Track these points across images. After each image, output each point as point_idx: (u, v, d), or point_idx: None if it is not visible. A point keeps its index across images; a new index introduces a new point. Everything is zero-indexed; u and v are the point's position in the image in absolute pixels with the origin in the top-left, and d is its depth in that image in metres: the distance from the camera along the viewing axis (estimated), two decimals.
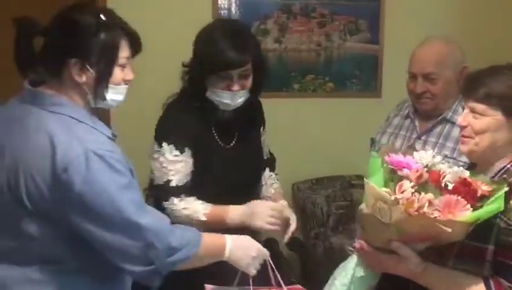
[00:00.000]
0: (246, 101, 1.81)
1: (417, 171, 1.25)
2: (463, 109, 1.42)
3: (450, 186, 1.25)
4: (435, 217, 1.18)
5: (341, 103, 3.02)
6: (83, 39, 1.27)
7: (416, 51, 1.94)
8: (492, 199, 1.22)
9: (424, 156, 1.31)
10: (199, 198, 1.80)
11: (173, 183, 1.76)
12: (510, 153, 1.35)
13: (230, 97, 1.76)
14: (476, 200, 1.23)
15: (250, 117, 1.91)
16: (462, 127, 1.37)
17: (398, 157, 1.29)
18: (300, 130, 2.99)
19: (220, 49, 1.70)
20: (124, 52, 1.32)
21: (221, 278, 1.60)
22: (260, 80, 1.82)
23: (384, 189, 1.25)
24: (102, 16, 1.29)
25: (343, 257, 1.76)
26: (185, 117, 1.80)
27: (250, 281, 1.55)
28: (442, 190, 1.24)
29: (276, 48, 2.99)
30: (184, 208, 1.76)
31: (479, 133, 1.34)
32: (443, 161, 1.33)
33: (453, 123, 1.84)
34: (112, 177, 1.23)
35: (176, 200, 1.76)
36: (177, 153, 1.77)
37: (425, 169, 1.28)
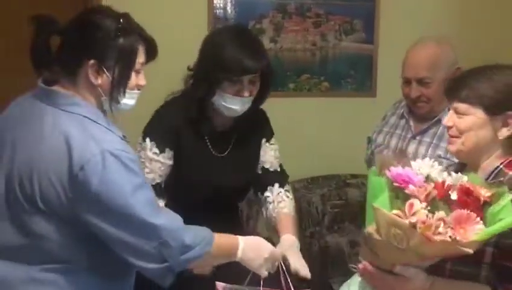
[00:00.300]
0: (247, 110, 1.80)
1: (424, 189, 1.21)
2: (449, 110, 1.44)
3: (453, 196, 1.23)
4: (456, 239, 1.14)
5: (336, 103, 3.03)
6: (102, 42, 1.29)
7: (408, 55, 1.93)
8: (497, 207, 1.20)
9: (422, 166, 1.29)
10: (174, 202, 1.76)
11: (147, 181, 1.75)
12: (496, 151, 1.37)
13: (240, 103, 1.75)
14: (481, 209, 1.21)
15: (249, 126, 1.88)
16: (448, 128, 1.41)
17: (398, 170, 1.26)
18: (295, 129, 3.00)
19: (237, 54, 1.70)
20: (140, 58, 1.35)
21: (232, 278, 1.60)
22: (266, 87, 1.82)
23: (395, 211, 1.20)
24: (122, 21, 1.31)
25: (339, 255, 1.78)
26: (177, 119, 1.79)
27: (261, 283, 1.55)
28: (450, 204, 1.22)
29: (272, 47, 2.99)
30: None
31: (464, 132, 1.37)
32: (441, 168, 1.30)
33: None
34: (127, 177, 1.24)
35: None
36: (157, 151, 1.76)
37: (428, 181, 1.25)
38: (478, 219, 1.17)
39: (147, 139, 1.77)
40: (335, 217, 2.96)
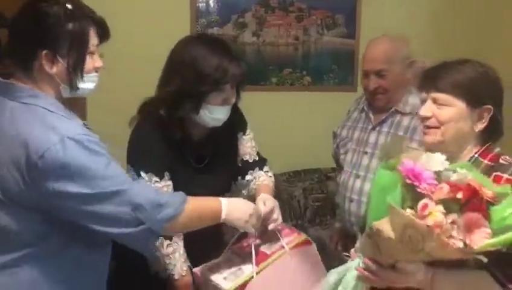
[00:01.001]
0: None
1: (440, 189, 1.15)
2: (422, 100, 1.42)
3: (459, 195, 1.18)
4: (471, 245, 1.11)
5: (318, 97, 3.05)
6: (51, 30, 1.27)
7: (366, 50, 2.09)
8: (500, 207, 1.17)
9: (432, 163, 1.23)
10: None
11: None
12: (474, 142, 1.38)
13: (226, 111, 1.73)
14: (485, 208, 1.18)
15: (223, 131, 1.83)
16: (426, 118, 1.38)
17: (410, 165, 1.19)
18: (277, 123, 3.01)
19: (220, 64, 1.65)
20: (93, 40, 1.33)
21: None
22: (241, 89, 1.80)
23: (409, 211, 1.15)
24: (69, 6, 1.29)
25: (320, 248, 1.80)
26: (161, 142, 1.73)
27: (252, 245, 1.62)
28: (461, 204, 1.17)
29: (254, 41, 3.00)
30: (167, 256, 1.71)
31: (444, 123, 1.36)
32: (449, 169, 1.24)
33: (403, 113, 2.01)
34: (91, 158, 1.25)
35: (165, 243, 1.69)
36: (157, 179, 1.70)
37: (439, 180, 1.19)
38: (486, 222, 1.14)
39: (142, 173, 1.69)
40: (317, 211, 2.99)
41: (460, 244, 1.12)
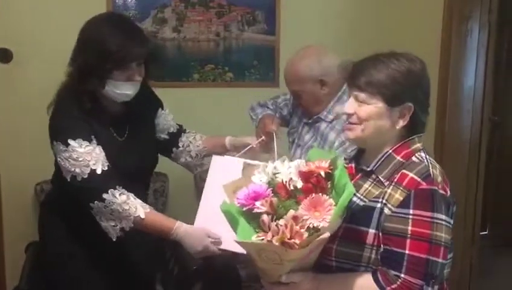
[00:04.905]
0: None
1: (265, 200, 1.22)
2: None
3: (299, 184, 1.26)
4: (312, 233, 1.17)
5: (240, 93, 3.06)
6: None
7: (284, 72, 2.15)
8: (336, 174, 1.26)
9: (261, 176, 1.30)
10: None
11: (99, 171, 1.72)
12: (395, 139, 1.41)
13: (132, 87, 1.79)
14: (326, 182, 1.26)
15: (138, 106, 1.92)
16: (349, 115, 1.41)
17: (243, 192, 1.26)
18: (200, 119, 2.98)
19: (123, 43, 1.71)
20: None
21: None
22: (151, 67, 1.87)
23: (254, 237, 1.20)
24: None
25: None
26: (81, 113, 1.78)
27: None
28: (296, 197, 1.24)
29: (175, 37, 2.96)
30: (124, 202, 1.73)
31: (364, 121, 1.38)
32: (276, 167, 1.32)
33: (324, 121, 2.09)
34: None
35: (116, 193, 1.72)
36: (87, 143, 1.73)
37: (270, 188, 1.26)
38: (325, 196, 1.21)
39: (70, 141, 1.72)
40: None
41: (306, 235, 1.17)
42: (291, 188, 1.26)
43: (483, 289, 3.44)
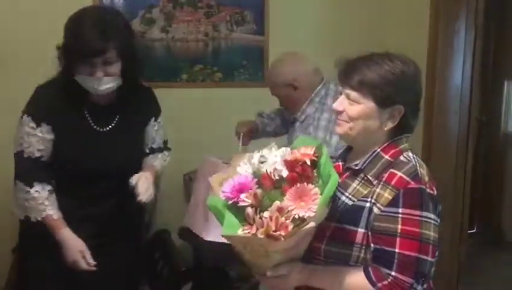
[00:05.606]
0: (124, 88, 1.84)
1: (250, 193, 1.22)
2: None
3: (285, 173, 1.26)
4: (298, 223, 1.17)
5: (229, 92, 3.06)
6: None
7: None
8: (322, 162, 1.27)
9: (246, 167, 1.30)
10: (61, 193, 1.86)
11: (25, 155, 1.79)
12: (383, 139, 1.41)
13: (96, 83, 1.77)
14: (312, 171, 1.26)
15: (134, 104, 1.92)
16: (339, 112, 1.41)
17: (229, 184, 1.25)
18: (189, 120, 2.99)
19: (84, 37, 1.70)
20: None
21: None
22: (130, 66, 1.82)
23: (240, 230, 1.20)
24: None
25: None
26: (52, 94, 1.82)
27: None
28: (281, 187, 1.24)
29: (163, 37, 2.95)
30: (33, 199, 1.80)
31: (353, 120, 1.38)
32: (263, 155, 1.32)
33: (298, 121, 2.27)
34: None
35: (32, 190, 1.79)
36: (33, 125, 1.78)
37: (255, 179, 1.25)
38: (311, 185, 1.21)
39: (25, 116, 1.81)
40: None
41: (291, 226, 1.17)
42: (276, 177, 1.26)
43: (471, 287, 3.47)
